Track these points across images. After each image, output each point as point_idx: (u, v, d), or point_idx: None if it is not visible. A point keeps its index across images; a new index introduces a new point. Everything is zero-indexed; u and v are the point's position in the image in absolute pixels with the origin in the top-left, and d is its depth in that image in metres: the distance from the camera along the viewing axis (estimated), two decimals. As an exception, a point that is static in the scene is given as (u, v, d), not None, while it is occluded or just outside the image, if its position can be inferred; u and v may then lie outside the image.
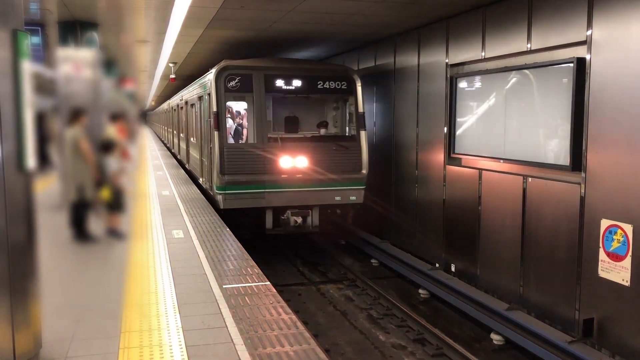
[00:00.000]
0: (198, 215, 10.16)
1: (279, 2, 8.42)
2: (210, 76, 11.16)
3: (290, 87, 11.14)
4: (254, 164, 10.52)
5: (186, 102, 17.77)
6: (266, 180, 10.51)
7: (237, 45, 12.49)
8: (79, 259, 7.66)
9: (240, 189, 10.48)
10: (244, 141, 11.64)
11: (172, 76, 19.05)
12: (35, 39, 10.32)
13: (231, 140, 11.28)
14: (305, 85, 11.20)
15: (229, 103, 11.56)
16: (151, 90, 31.62)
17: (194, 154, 15.61)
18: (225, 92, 10.71)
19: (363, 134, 11.17)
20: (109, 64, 15.33)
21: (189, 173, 17.12)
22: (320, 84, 11.21)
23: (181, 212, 10.49)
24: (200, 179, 13.86)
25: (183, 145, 19.92)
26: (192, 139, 16.40)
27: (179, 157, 22.60)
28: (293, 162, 10.61)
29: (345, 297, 9.79)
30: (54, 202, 10.12)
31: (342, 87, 11.33)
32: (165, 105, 32.93)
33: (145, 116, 57.69)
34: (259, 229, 11.09)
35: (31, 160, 4.12)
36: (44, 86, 8.90)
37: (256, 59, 11.28)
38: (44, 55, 10.77)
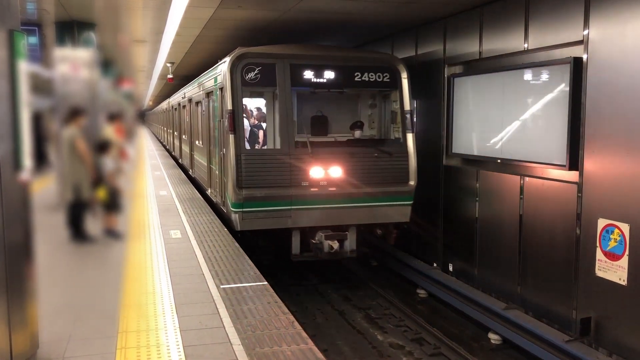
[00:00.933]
0: (195, 215, 10.15)
1: (276, 2, 8.42)
2: (223, 67, 9.28)
3: (322, 80, 9.19)
4: (278, 174, 8.69)
5: (190, 100, 16.00)
6: (293, 195, 8.70)
7: (234, 46, 12.47)
8: (76, 259, 7.65)
9: (261, 206, 8.65)
10: (260, 145, 9.94)
11: (170, 76, 19.11)
12: (33, 39, 10.31)
13: (249, 145, 9.57)
14: (339, 77, 9.26)
15: (245, 100, 9.76)
16: (149, 90, 31.63)
17: (200, 159, 13.76)
18: (242, 85, 8.82)
19: (410, 136, 9.26)
20: (107, 64, 15.31)
21: (193, 181, 15.32)
22: (357, 75, 9.28)
23: (179, 212, 10.48)
24: (209, 191, 11.99)
25: (186, 148, 17.88)
26: (197, 142, 14.55)
27: (180, 161, 20.45)
28: (326, 172, 8.81)
29: (343, 297, 9.79)
30: (52, 202, 10.11)
31: (385, 79, 9.40)
32: (164, 104, 30.86)
33: (143, 116, 57.73)
34: (283, 254, 9.55)
35: (28, 160, 4.12)
36: (41, 86, 8.91)
37: (279, 45, 9.29)
38: (41, 56, 10.76)
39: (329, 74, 9.20)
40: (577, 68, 6.58)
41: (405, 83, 9.42)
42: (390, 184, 9.10)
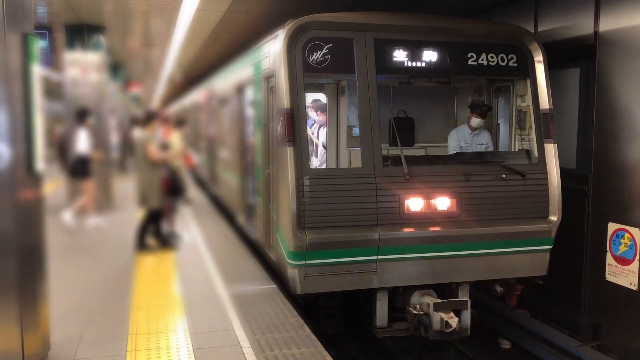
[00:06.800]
0: (206, 218, 10.18)
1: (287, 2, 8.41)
2: (274, 46, 6.33)
3: (419, 64, 6.25)
4: (358, 208, 5.81)
5: (210, 98, 13.46)
6: (381, 239, 5.84)
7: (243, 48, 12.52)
8: (87, 261, 7.68)
9: (333, 256, 5.77)
10: (323, 161, 7.43)
11: (178, 79, 19.25)
12: (43, 43, 10.41)
13: (316, 164, 7.20)
14: (446, 60, 6.32)
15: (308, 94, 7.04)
16: (156, 93, 31.78)
17: (226, 175, 10.97)
18: (305, 72, 5.91)
19: (551, 149, 6.38)
20: (115, 67, 15.44)
21: (215, 199, 12.84)
22: (471, 57, 6.37)
23: (189, 215, 10.52)
24: (240, 218, 9.22)
25: (204, 159, 15.17)
26: (221, 152, 11.89)
27: (197, 173, 17.78)
28: (428, 203, 6.02)
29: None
30: (60, 204, 10.15)
31: (511, 63, 6.48)
32: (176, 106, 27.49)
33: (150, 119, 58.31)
34: (358, 323, 6.96)
35: (40, 162, 4.15)
36: (51, 89, 9.00)
37: (355, 13, 6.22)
38: (51, 59, 10.86)
39: (431, 55, 6.28)
40: (588, 72, 6.54)
41: (540, 70, 6.49)
42: (521, 221, 6.27)
